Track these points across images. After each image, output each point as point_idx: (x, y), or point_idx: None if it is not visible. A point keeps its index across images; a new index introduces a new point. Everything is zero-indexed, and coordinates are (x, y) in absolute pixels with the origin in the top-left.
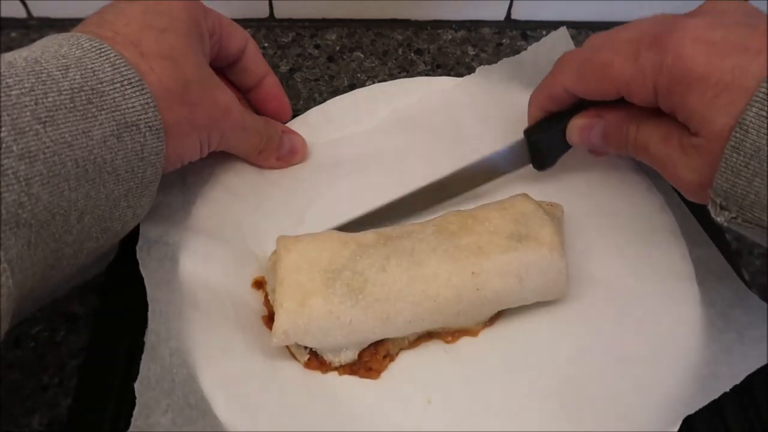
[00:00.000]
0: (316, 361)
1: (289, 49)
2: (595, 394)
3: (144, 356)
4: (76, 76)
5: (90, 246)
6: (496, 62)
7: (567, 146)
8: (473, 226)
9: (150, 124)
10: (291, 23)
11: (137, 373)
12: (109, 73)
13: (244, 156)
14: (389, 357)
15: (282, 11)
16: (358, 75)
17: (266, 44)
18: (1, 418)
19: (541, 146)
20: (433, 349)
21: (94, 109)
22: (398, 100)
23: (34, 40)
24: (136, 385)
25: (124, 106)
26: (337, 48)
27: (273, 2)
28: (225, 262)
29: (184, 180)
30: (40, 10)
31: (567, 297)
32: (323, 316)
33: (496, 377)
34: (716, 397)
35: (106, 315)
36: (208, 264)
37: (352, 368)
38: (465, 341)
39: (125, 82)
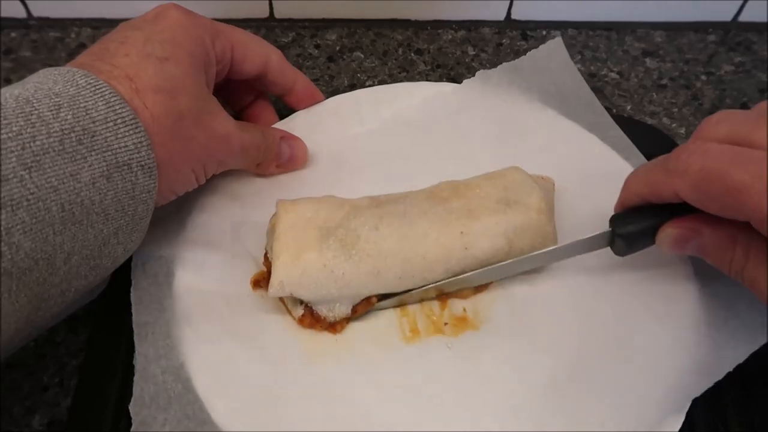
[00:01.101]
0: (310, 317)
1: (289, 49)
2: (598, 382)
3: (135, 378)
4: (68, 116)
5: (79, 284)
6: (496, 62)
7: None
8: (464, 192)
9: (142, 162)
10: (291, 23)
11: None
12: (102, 112)
13: (242, 169)
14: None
15: (282, 11)
16: (358, 75)
17: None
18: (1, 418)
19: (628, 239)
20: (436, 346)
21: (84, 150)
22: (398, 103)
23: (34, 40)
24: (131, 407)
25: (116, 146)
26: (337, 48)
27: (273, 2)
28: (221, 268)
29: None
30: (40, 10)
31: (558, 269)
32: (317, 269)
33: (499, 373)
34: (721, 377)
35: (106, 315)
36: (203, 272)
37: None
38: (467, 336)
39: (119, 121)
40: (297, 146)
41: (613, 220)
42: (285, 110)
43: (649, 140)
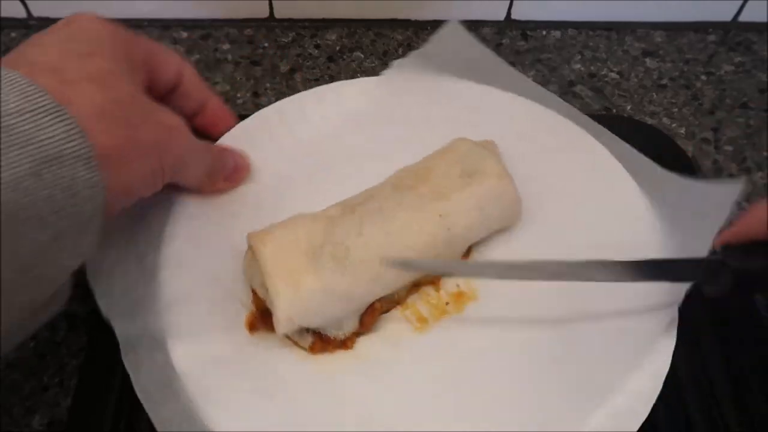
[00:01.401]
0: (320, 342)
1: (289, 49)
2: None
3: None
4: None
5: (22, 299)
6: None
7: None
8: (426, 175)
9: (77, 153)
10: (291, 23)
11: None
12: (15, 103)
13: (195, 183)
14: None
15: (282, 11)
16: (358, 75)
17: (266, 44)
18: (1, 418)
19: (743, 278)
20: (447, 326)
21: (3, 148)
22: (326, 107)
23: None
24: None
25: (40, 138)
26: (337, 48)
27: (273, 2)
28: (209, 322)
29: (140, 260)
30: (40, 10)
31: (523, 221)
32: (319, 292)
33: (520, 330)
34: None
35: None
36: (193, 334)
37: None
38: (471, 308)
39: (38, 111)
40: (238, 156)
41: (726, 251)
42: None
43: (649, 140)
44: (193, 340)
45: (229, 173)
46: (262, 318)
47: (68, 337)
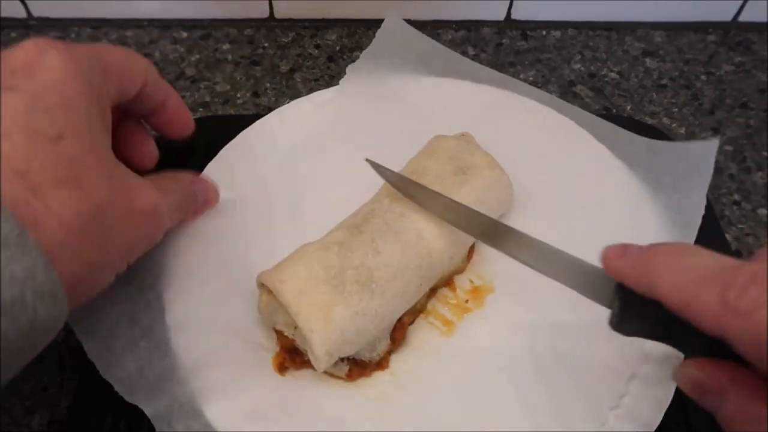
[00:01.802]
0: (356, 368)
1: (289, 49)
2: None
3: None
4: None
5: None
6: (496, 62)
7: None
8: (420, 180)
9: (40, 290)
10: (291, 23)
11: None
12: None
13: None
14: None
15: (282, 11)
16: None
17: (266, 44)
18: (1, 418)
19: (628, 332)
20: (474, 323)
21: None
22: (292, 124)
23: None
24: None
25: None
26: (337, 48)
27: (273, 2)
28: (238, 377)
29: (148, 336)
30: (40, 10)
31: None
32: (352, 319)
33: (548, 311)
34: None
35: None
36: (227, 394)
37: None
38: (491, 300)
39: None
40: (206, 186)
41: (620, 299)
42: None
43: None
44: (226, 399)
45: (199, 208)
46: (290, 357)
47: (68, 337)
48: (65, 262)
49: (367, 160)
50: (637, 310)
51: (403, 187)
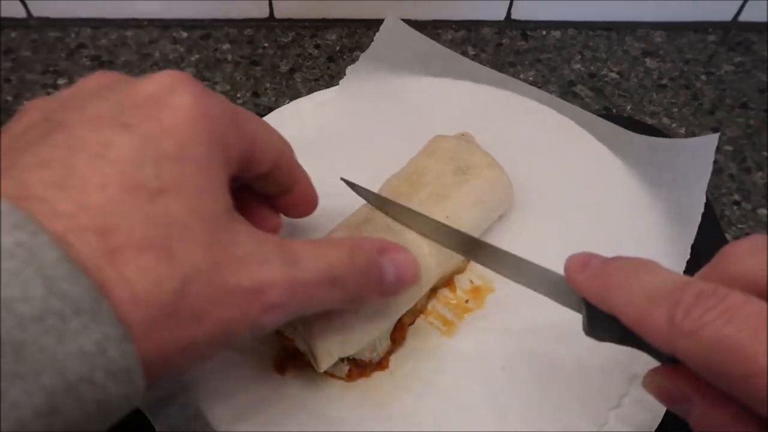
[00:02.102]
0: (356, 368)
1: (289, 49)
2: None
3: None
4: None
5: None
6: (496, 62)
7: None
8: (418, 180)
9: (112, 367)
10: (291, 23)
11: None
12: (37, 304)
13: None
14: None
15: (282, 11)
16: None
17: (266, 44)
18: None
19: (599, 338)
20: (474, 324)
21: (2, 383)
22: (292, 124)
23: (34, 40)
24: None
25: (61, 356)
26: (337, 48)
27: (273, 2)
28: (240, 376)
29: None
30: (40, 10)
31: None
32: (353, 320)
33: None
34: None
35: None
36: (229, 400)
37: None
38: (491, 300)
39: (68, 313)
40: (401, 258)
41: (586, 306)
42: None
43: None
44: (226, 399)
45: (389, 287)
46: (290, 358)
47: None
48: (140, 340)
49: (342, 179)
50: (603, 317)
51: (381, 206)
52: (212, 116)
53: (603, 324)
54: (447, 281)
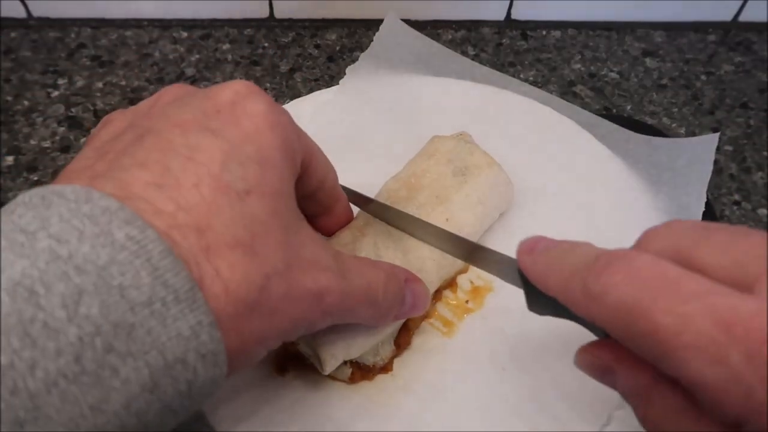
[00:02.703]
0: (359, 371)
1: (289, 49)
2: None
3: None
4: (92, 311)
5: None
6: (496, 62)
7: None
8: (419, 182)
9: (203, 351)
10: (291, 23)
11: None
12: (146, 290)
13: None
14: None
15: (282, 11)
16: None
17: (266, 44)
18: None
19: (541, 314)
20: (473, 324)
21: (115, 360)
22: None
23: (34, 40)
24: None
25: (164, 339)
26: (337, 48)
27: (273, 2)
28: (243, 384)
29: None
30: (40, 10)
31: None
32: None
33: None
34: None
35: None
36: (234, 401)
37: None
38: (490, 300)
39: (169, 299)
40: (420, 291)
41: (523, 282)
42: None
43: None
44: (226, 399)
45: (404, 312)
46: (292, 360)
47: None
48: (224, 331)
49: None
50: (541, 294)
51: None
52: (283, 124)
53: (541, 297)
54: (450, 282)
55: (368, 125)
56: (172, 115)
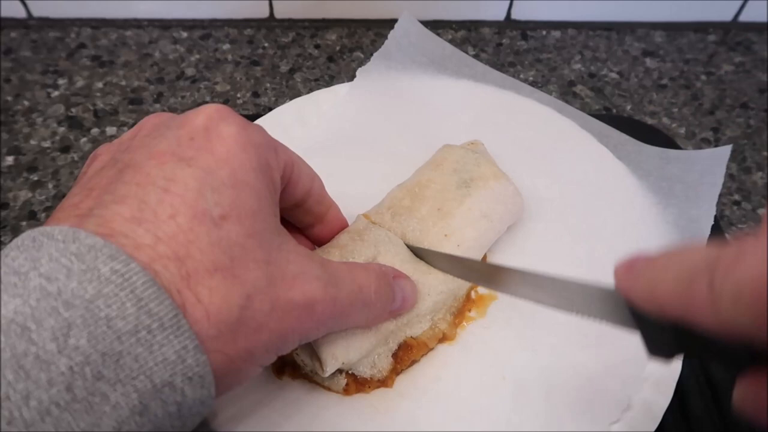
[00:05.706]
0: (354, 382)
1: (289, 49)
2: None
3: None
4: (81, 342)
5: None
6: (496, 62)
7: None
8: (422, 193)
9: (189, 374)
10: (291, 23)
11: None
12: (132, 320)
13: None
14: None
15: (282, 11)
16: None
17: (266, 44)
18: None
19: (669, 358)
20: (476, 332)
21: (105, 387)
22: (307, 119)
23: (34, 40)
24: None
25: (150, 364)
26: (337, 48)
27: (273, 2)
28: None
29: None
30: (40, 10)
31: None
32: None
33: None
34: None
35: None
36: (232, 401)
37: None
38: (493, 308)
39: (154, 327)
40: (407, 286)
41: (637, 320)
42: None
43: (649, 140)
44: (224, 401)
45: (395, 308)
46: (289, 362)
47: None
48: (209, 352)
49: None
50: (657, 328)
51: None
52: (256, 143)
53: (662, 336)
54: (467, 298)
55: (376, 126)
56: (149, 147)
